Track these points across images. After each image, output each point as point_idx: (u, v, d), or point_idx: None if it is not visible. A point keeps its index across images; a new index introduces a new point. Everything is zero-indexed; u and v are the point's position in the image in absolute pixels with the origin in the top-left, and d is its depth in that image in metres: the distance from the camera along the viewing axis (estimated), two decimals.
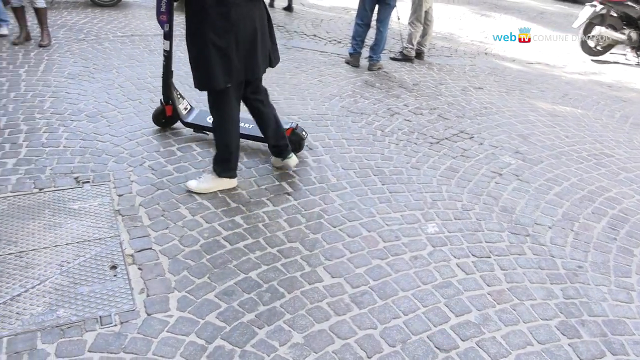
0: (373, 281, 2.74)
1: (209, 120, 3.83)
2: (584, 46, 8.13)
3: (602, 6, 7.75)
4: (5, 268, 2.56)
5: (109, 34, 6.57)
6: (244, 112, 3.42)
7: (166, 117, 4.06)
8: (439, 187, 3.73)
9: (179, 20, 3.62)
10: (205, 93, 3.24)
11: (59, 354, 2.17)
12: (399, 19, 6.70)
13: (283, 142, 3.58)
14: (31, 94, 4.57)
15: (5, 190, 3.20)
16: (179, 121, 4.05)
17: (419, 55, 7.01)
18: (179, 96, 3.95)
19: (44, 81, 4.87)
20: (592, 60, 8.14)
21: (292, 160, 3.65)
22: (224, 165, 3.35)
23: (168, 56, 3.77)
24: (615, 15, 7.92)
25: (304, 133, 3.92)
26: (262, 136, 3.67)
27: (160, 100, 3.99)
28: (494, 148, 4.47)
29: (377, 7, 6.14)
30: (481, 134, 4.75)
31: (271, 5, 9.01)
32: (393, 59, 6.90)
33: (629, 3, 7.81)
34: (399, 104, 5.29)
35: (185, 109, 4.02)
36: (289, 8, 8.94)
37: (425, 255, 2.99)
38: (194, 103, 4.40)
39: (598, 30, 7.95)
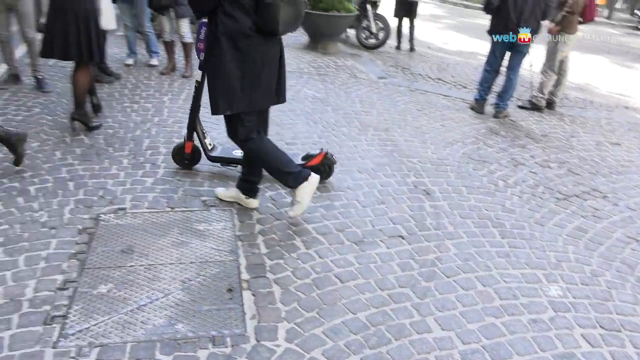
0: (486, 340, 2.59)
1: (235, 153, 3.91)
2: None
3: None
4: (136, 278, 2.78)
5: None
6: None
7: (186, 154, 3.97)
8: (564, 248, 3.48)
9: None
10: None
11: None
12: (531, 66, 6.47)
13: (256, 179, 3.54)
14: (172, 120, 5.01)
15: (142, 206, 3.49)
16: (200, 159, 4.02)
17: (550, 105, 6.69)
18: (203, 132, 3.90)
19: (184, 109, 5.31)
20: None
21: (253, 202, 3.57)
22: (289, 177, 3.29)
23: (199, 87, 3.62)
24: None
25: (334, 158, 3.96)
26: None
27: (184, 135, 3.94)
28: (631, 211, 4.09)
29: (508, 53, 5.99)
30: (617, 193, 4.38)
31: (398, 47, 9.12)
32: (521, 107, 6.66)
33: None
34: (525, 154, 5.06)
35: (210, 144, 3.95)
36: (411, 49, 9.01)
37: (545, 320, 2.77)
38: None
39: None
